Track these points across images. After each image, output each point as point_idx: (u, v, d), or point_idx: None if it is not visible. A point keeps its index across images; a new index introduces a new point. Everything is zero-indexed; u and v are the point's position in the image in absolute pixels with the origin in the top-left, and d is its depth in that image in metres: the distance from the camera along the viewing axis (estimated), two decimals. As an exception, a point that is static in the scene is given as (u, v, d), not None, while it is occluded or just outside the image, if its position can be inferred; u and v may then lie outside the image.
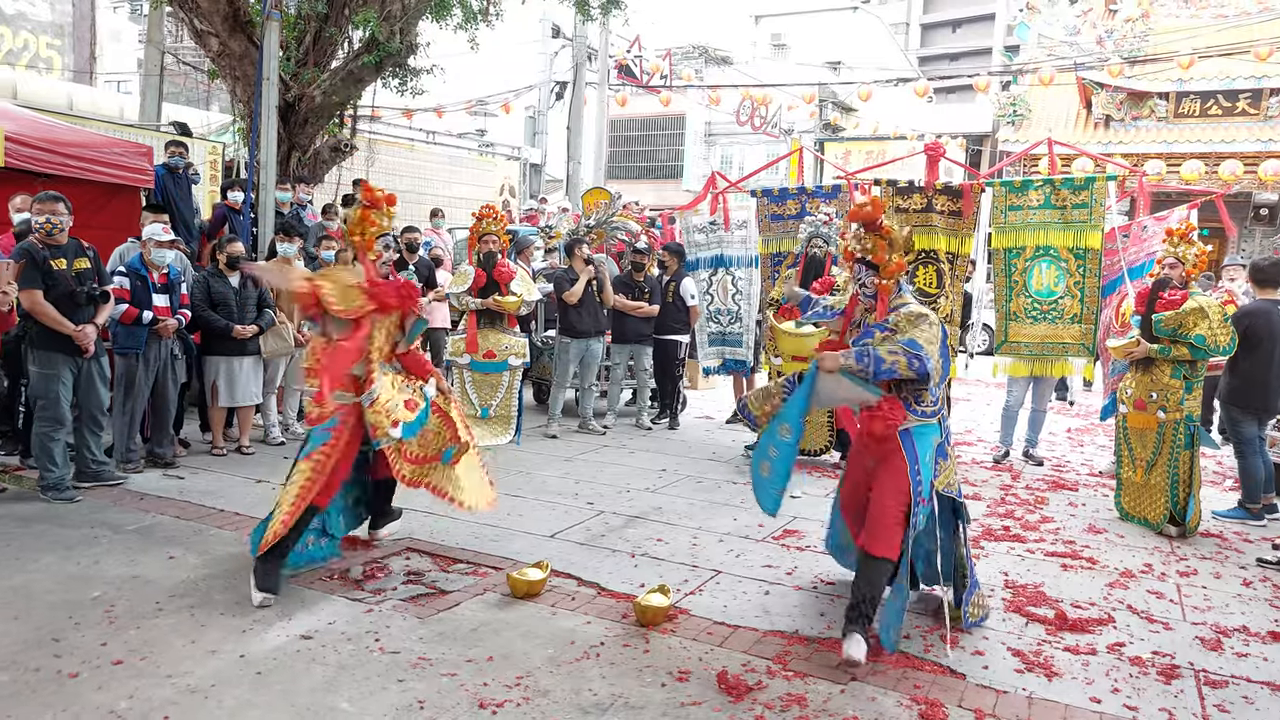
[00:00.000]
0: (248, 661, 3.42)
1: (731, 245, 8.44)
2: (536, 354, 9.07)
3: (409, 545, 4.86)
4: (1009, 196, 7.19)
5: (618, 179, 23.66)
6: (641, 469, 6.86)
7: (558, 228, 10.35)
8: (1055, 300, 7.05)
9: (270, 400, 7.19)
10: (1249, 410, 6.00)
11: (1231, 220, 7.64)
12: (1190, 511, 5.64)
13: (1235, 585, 4.84)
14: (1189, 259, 5.64)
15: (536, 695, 3.25)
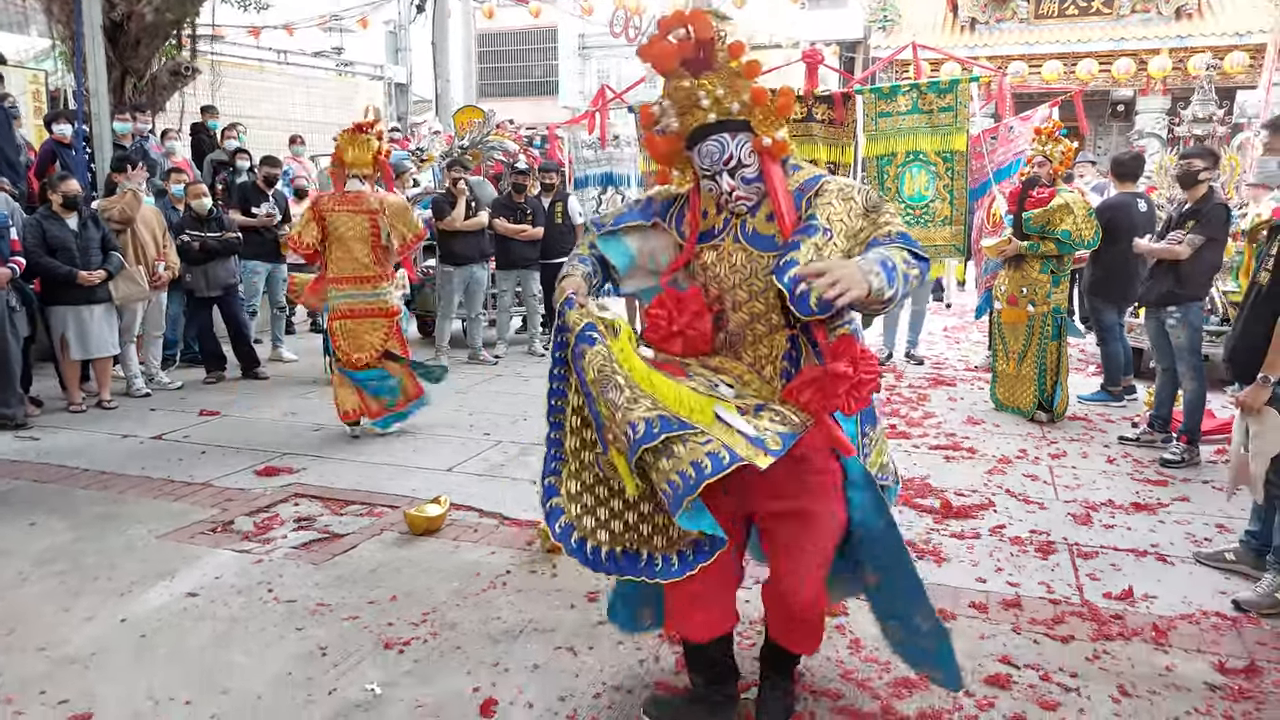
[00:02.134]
0: (129, 625, 3.21)
1: (622, 163, 8.26)
2: (417, 286, 8.74)
3: (296, 491, 4.65)
4: (879, 103, 7.23)
5: (490, 97, 22.78)
6: (537, 396, 6.70)
7: (430, 150, 9.89)
8: (927, 204, 7.21)
9: (129, 349, 6.68)
10: (1110, 299, 6.35)
11: (1091, 118, 7.94)
12: (1058, 398, 5.99)
13: (1100, 463, 5.18)
14: (1056, 157, 5.84)
15: (444, 629, 3.18)
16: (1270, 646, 3.08)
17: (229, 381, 7.21)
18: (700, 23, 2.20)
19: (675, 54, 2.23)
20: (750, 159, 2.27)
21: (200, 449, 5.39)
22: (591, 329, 2.19)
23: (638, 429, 2.02)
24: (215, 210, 7.28)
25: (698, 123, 2.25)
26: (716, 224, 2.39)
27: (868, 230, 2.25)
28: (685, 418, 2.07)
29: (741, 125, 2.25)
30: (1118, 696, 2.76)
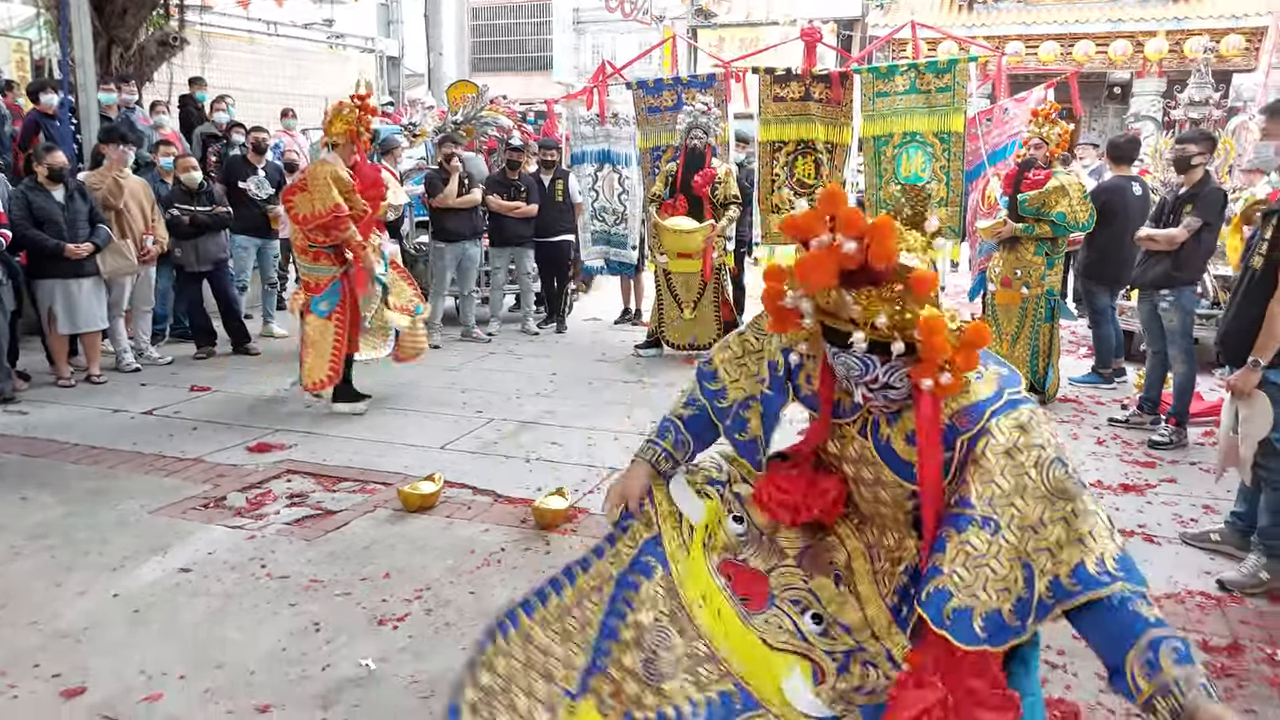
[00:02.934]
0: (122, 600, 3.21)
1: (620, 141, 8.17)
2: (410, 261, 8.68)
3: (288, 467, 4.65)
4: (876, 83, 7.20)
5: (484, 72, 22.53)
6: (530, 374, 6.75)
7: (422, 125, 9.80)
8: (923, 186, 7.18)
9: (118, 324, 6.63)
10: (1103, 282, 6.37)
11: (1087, 100, 7.92)
12: (1050, 379, 6.01)
13: (1090, 444, 5.22)
14: (1053, 139, 5.83)
15: (438, 606, 3.19)
16: (1253, 625, 3.13)
17: (219, 357, 7.17)
18: (882, 249, 1.53)
19: (837, 269, 1.58)
20: (901, 384, 1.70)
21: (191, 424, 5.37)
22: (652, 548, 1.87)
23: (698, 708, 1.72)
24: (205, 184, 7.20)
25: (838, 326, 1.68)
26: (845, 402, 1.86)
27: (1055, 531, 1.59)
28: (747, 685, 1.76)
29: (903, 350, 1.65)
30: (1104, 673, 2.79)
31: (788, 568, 1.97)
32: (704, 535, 1.97)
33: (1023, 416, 1.68)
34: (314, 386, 5.44)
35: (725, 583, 1.93)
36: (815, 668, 1.81)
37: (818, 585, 1.94)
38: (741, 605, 1.90)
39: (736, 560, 1.96)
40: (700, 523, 1.98)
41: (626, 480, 2.08)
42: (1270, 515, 3.43)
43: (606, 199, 8.37)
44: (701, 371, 2.14)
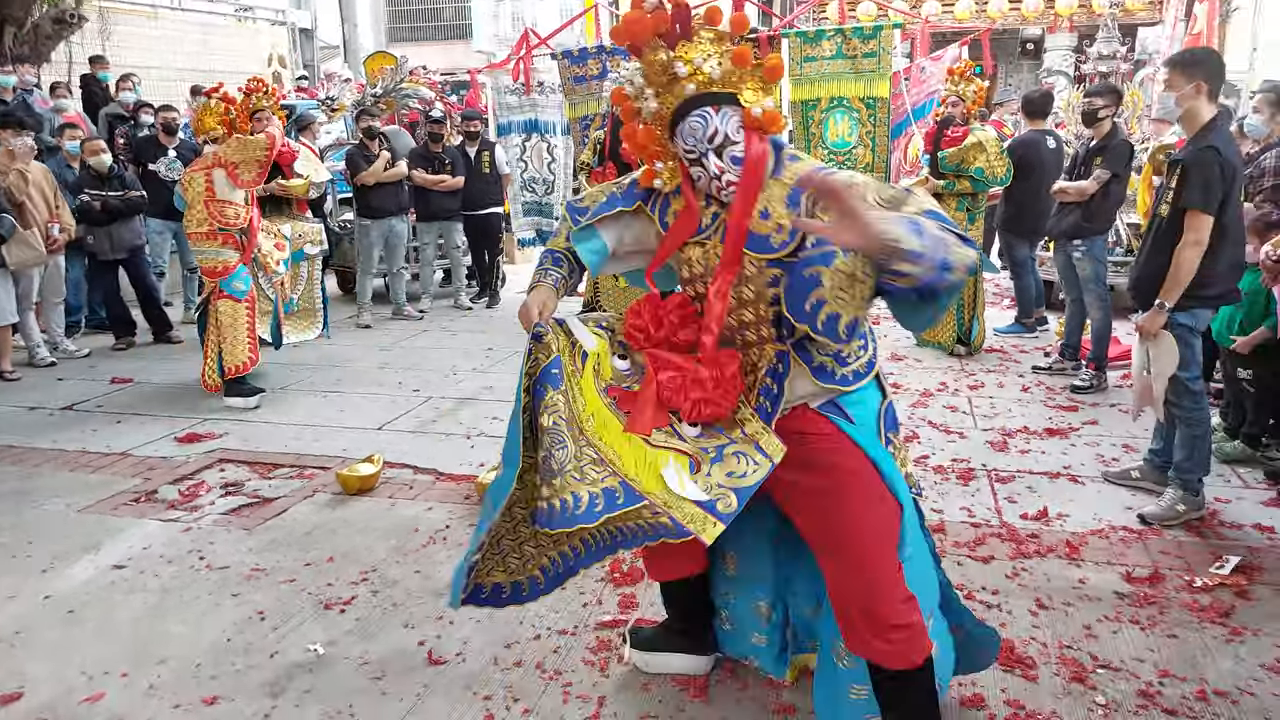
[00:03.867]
0: (55, 602, 3.11)
1: (547, 110, 8.05)
2: (335, 240, 8.49)
3: (221, 456, 4.54)
4: (804, 47, 7.22)
5: (401, 42, 21.97)
6: (466, 350, 6.69)
7: (340, 99, 9.53)
8: (850, 150, 7.26)
9: (29, 317, 6.34)
10: (1022, 234, 6.57)
11: (1002, 56, 8.08)
12: (975, 331, 6.20)
13: (1015, 392, 5.41)
14: (969, 96, 5.96)
15: (385, 586, 3.18)
16: (1173, 555, 3.30)
17: (140, 347, 6.93)
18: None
19: (650, 25, 1.97)
20: (739, 135, 1.98)
21: (115, 418, 5.20)
22: (555, 367, 2.05)
23: (580, 501, 1.93)
24: (116, 168, 6.90)
25: (678, 98, 1.99)
26: (705, 217, 2.11)
27: None
28: (631, 480, 1.97)
29: (727, 98, 1.98)
30: (1035, 609, 2.93)
31: None
32: (594, 362, 2.16)
33: (850, 172, 2.03)
34: (235, 372, 5.31)
35: (610, 401, 2.13)
36: (692, 461, 2.04)
37: None
38: (625, 416, 2.10)
39: (621, 387, 2.17)
40: (593, 351, 2.17)
41: (535, 298, 2.22)
42: (1184, 451, 3.62)
43: (536, 169, 8.28)
44: (571, 205, 2.37)
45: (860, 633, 2.02)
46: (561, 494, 1.94)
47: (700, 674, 2.59)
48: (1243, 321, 4.15)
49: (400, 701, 2.53)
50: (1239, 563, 3.18)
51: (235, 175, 5.24)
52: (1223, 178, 3.31)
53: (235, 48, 14.95)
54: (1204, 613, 2.89)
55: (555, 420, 2.00)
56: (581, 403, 2.08)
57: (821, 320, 1.85)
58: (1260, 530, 3.51)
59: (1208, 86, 3.37)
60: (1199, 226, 3.34)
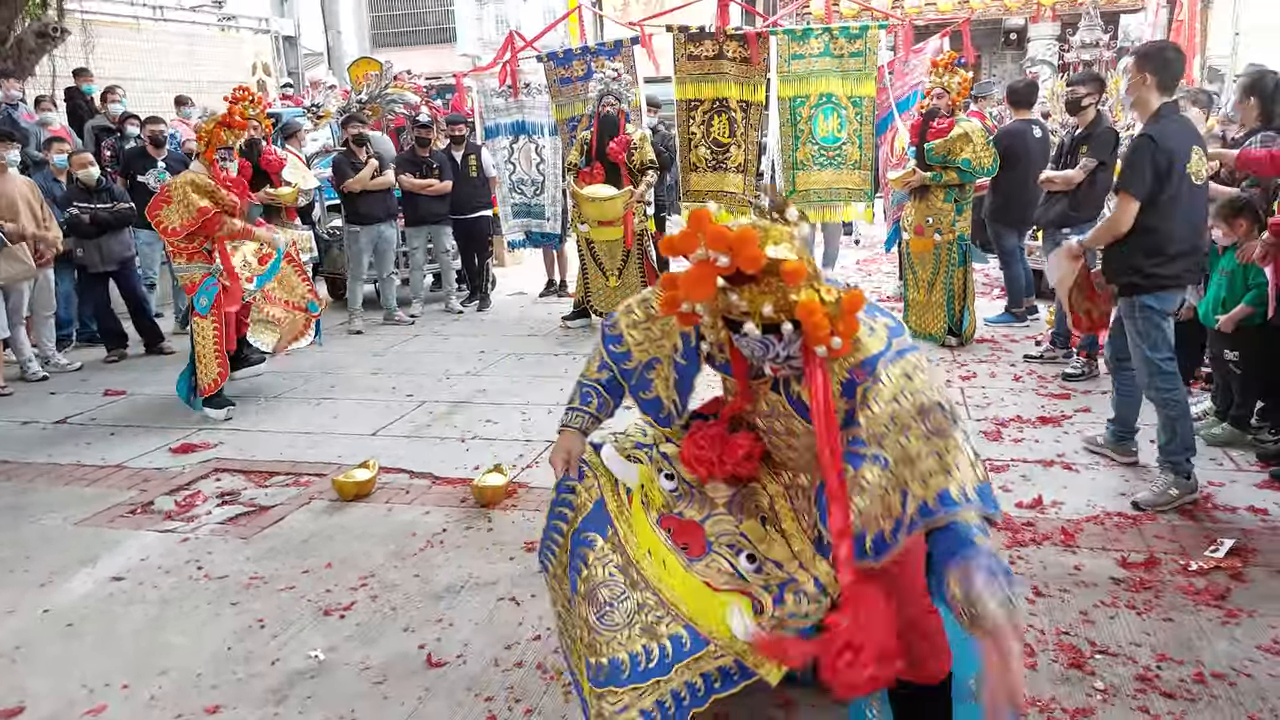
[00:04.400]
0: (54, 615, 3.11)
1: (534, 111, 8.05)
2: (324, 247, 8.47)
3: (216, 465, 4.53)
4: (792, 45, 7.25)
5: (385, 47, 21.90)
6: (458, 354, 6.68)
7: (326, 106, 9.51)
8: (839, 146, 7.28)
9: (19, 332, 6.32)
10: (1010, 224, 6.58)
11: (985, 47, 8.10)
12: (966, 322, 6.23)
13: (1008, 381, 5.43)
14: (953, 87, 5.98)
15: (384, 591, 3.18)
16: (1167, 539, 3.33)
17: (132, 359, 6.91)
18: (748, 256, 1.67)
19: (715, 280, 1.75)
20: (799, 353, 1.82)
21: (109, 430, 5.18)
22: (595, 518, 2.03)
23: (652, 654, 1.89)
24: (104, 180, 6.88)
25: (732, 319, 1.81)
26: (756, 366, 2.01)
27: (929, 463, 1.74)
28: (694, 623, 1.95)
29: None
30: (1032, 597, 2.94)
31: (719, 515, 2.12)
32: (640, 495, 2.11)
33: (908, 365, 1.84)
34: (207, 390, 5.23)
35: (666, 535, 2.07)
36: (755, 602, 1.97)
37: (747, 528, 2.10)
38: (683, 553, 2.05)
39: (672, 514, 2.11)
40: (636, 484, 2.12)
41: (562, 446, 2.22)
42: (1165, 434, 3.65)
43: (524, 170, 8.28)
44: (606, 335, 2.28)
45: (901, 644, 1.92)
46: (629, 647, 1.91)
47: None
48: (1224, 300, 4.19)
49: (402, 705, 2.54)
50: (1233, 545, 3.21)
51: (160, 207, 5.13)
52: (1154, 164, 3.44)
53: (219, 57, 14.91)
54: (1199, 596, 2.91)
55: (610, 571, 1.96)
56: (634, 541, 2.04)
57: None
58: (1254, 513, 3.54)
59: (1154, 78, 3.51)
60: (1123, 207, 3.54)
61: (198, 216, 5.10)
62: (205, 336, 5.23)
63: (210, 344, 5.23)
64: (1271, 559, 3.15)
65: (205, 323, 5.22)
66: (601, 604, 1.93)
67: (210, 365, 5.24)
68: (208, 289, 5.25)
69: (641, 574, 1.98)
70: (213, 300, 5.25)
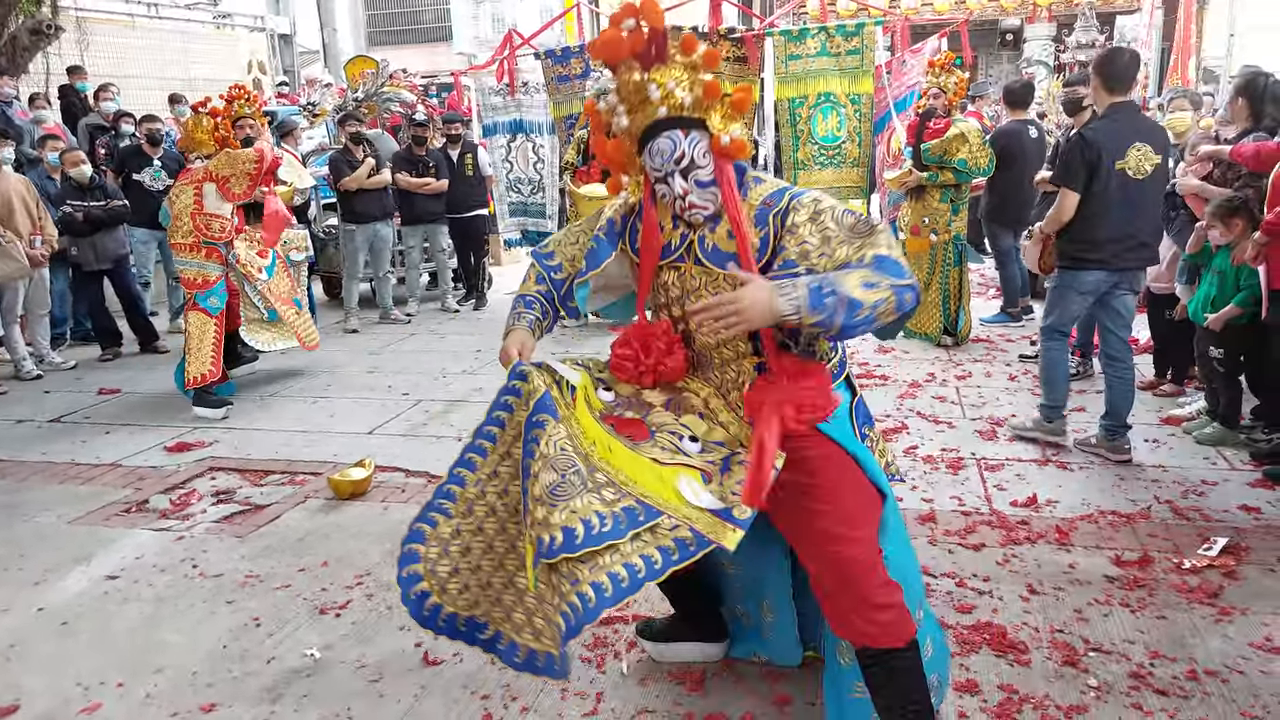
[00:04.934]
0: (49, 614, 3.10)
1: (532, 109, 8.05)
2: (320, 246, 8.46)
3: (211, 464, 4.53)
4: (789, 45, 7.25)
5: (381, 45, 21.89)
6: (455, 353, 6.68)
7: (322, 104, 9.50)
8: (839, 145, 7.29)
9: (14, 330, 6.31)
10: (1006, 224, 6.61)
11: (982, 47, 8.11)
12: (961, 322, 6.24)
13: (1003, 381, 5.45)
14: (950, 87, 5.99)
15: (380, 590, 3.18)
16: (1161, 538, 3.34)
17: (127, 357, 6.90)
18: (652, 13, 2.00)
19: (626, 46, 2.02)
20: (705, 160, 2.07)
21: (104, 429, 5.17)
22: (546, 401, 2.00)
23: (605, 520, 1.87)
24: (97, 178, 6.86)
25: (648, 119, 2.06)
26: (674, 239, 2.20)
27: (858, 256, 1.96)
28: (647, 497, 1.95)
29: (695, 123, 2.07)
30: (1027, 595, 2.95)
31: (658, 412, 2.22)
32: (583, 394, 2.17)
33: (814, 194, 2.09)
34: (195, 382, 5.23)
35: (610, 428, 2.13)
36: (703, 474, 2.07)
37: (687, 420, 2.21)
38: (627, 439, 2.11)
39: (615, 414, 2.19)
40: (579, 383, 2.17)
41: (513, 340, 2.25)
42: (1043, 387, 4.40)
43: (522, 169, 8.27)
44: (539, 254, 2.45)
45: (844, 613, 2.02)
46: (584, 514, 1.88)
47: (715, 660, 2.63)
48: (1214, 300, 4.22)
49: (398, 703, 2.54)
50: (1226, 544, 3.22)
51: (227, 189, 5.27)
52: (1084, 160, 3.88)
53: (214, 55, 14.88)
54: (1193, 594, 2.92)
55: (562, 446, 1.95)
56: (580, 431, 2.06)
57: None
58: (1246, 511, 3.55)
59: (1102, 81, 3.95)
60: (1063, 199, 3.99)
61: (258, 157, 5.26)
62: (205, 332, 5.25)
63: (209, 340, 5.25)
64: (1264, 557, 3.17)
65: (209, 321, 5.26)
66: (554, 478, 1.91)
67: (204, 359, 5.23)
68: (219, 292, 5.33)
69: (588, 458, 2.00)
70: (223, 304, 5.32)
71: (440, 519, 2.19)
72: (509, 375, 2.12)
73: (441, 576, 2.18)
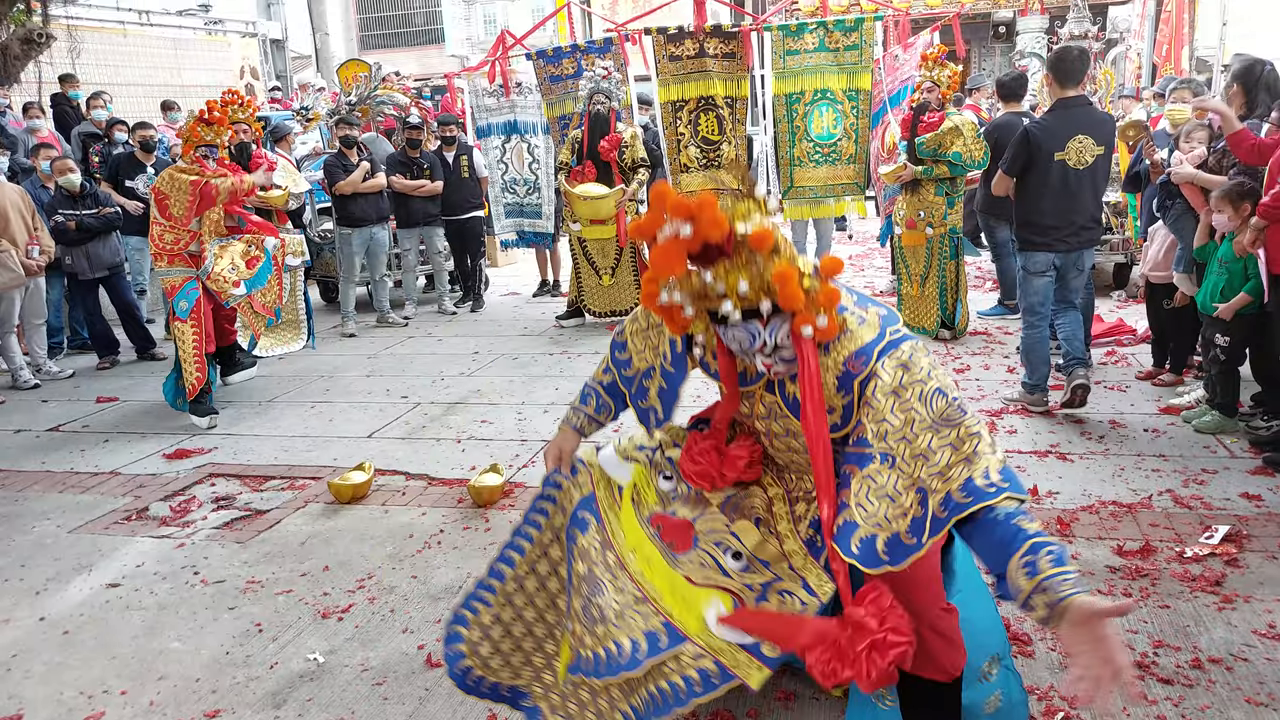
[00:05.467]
0: (50, 623, 3.09)
1: (526, 110, 8.04)
2: (316, 250, 8.45)
3: (211, 471, 4.52)
4: (786, 40, 7.24)
5: (373, 49, 21.90)
6: (453, 355, 6.67)
7: (315, 108, 9.49)
8: (834, 143, 7.29)
9: (11, 340, 6.29)
10: (1002, 217, 6.59)
11: (975, 41, 8.11)
12: (959, 315, 6.24)
13: (1001, 373, 5.44)
14: (943, 81, 5.99)
15: (382, 593, 3.17)
16: (1162, 527, 3.34)
17: (124, 365, 6.89)
18: (709, 219, 1.63)
19: (683, 254, 1.68)
20: (787, 342, 1.77)
21: (103, 437, 5.16)
22: (587, 505, 2.03)
23: (624, 650, 1.88)
24: (88, 186, 6.85)
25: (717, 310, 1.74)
26: (750, 370, 1.97)
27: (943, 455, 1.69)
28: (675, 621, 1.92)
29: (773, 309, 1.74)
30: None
31: (712, 514, 2.08)
32: (631, 493, 2.12)
33: (904, 354, 1.78)
34: (191, 391, 5.19)
35: (654, 532, 2.07)
36: (735, 599, 1.94)
37: (740, 528, 2.05)
38: (668, 550, 2.04)
39: (665, 512, 2.10)
40: (628, 483, 2.12)
41: (555, 443, 2.25)
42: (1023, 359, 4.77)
43: (517, 170, 8.26)
44: (614, 342, 2.26)
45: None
46: (605, 642, 1.91)
47: None
48: (1224, 290, 4.21)
49: (402, 706, 2.53)
50: (1228, 532, 3.22)
51: (165, 208, 5.15)
52: (1026, 150, 4.39)
53: (207, 61, 14.86)
54: (1195, 582, 2.92)
55: (590, 568, 1.98)
56: (622, 538, 2.05)
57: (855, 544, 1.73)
58: (1248, 499, 3.55)
59: (1052, 77, 4.41)
60: (999, 178, 4.65)
61: (192, 189, 5.08)
62: (185, 340, 5.19)
63: (190, 347, 5.18)
64: (1266, 544, 3.17)
65: (185, 327, 5.18)
66: (585, 596, 1.93)
67: (189, 368, 5.19)
68: (187, 294, 5.22)
69: (625, 569, 1.99)
70: (193, 304, 5.21)
71: (481, 608, 2.24)
72: (543, 483, 2.16)
73: (484, 656, 2.25)
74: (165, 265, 5.27)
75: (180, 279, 5.23)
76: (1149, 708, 2.34)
